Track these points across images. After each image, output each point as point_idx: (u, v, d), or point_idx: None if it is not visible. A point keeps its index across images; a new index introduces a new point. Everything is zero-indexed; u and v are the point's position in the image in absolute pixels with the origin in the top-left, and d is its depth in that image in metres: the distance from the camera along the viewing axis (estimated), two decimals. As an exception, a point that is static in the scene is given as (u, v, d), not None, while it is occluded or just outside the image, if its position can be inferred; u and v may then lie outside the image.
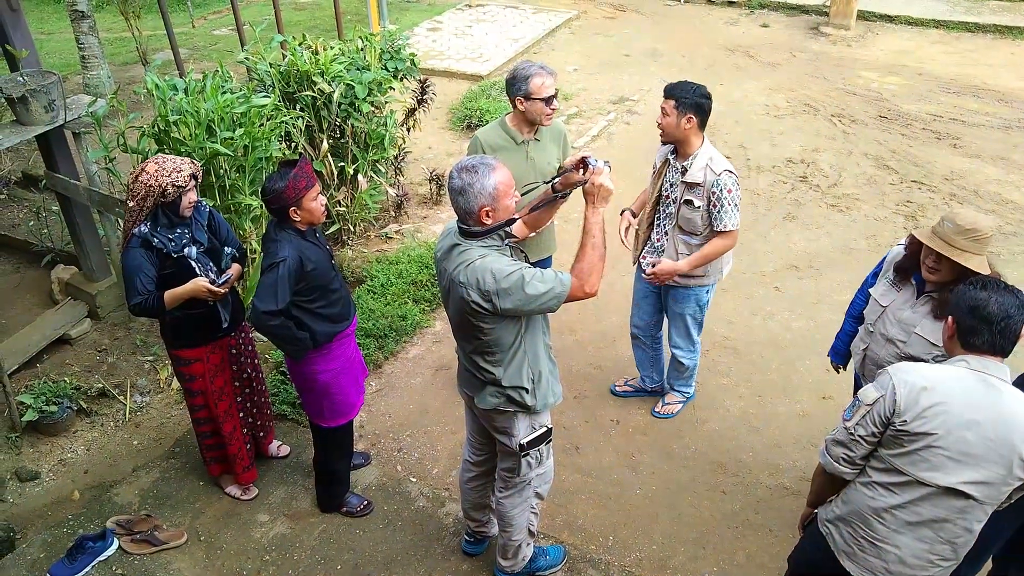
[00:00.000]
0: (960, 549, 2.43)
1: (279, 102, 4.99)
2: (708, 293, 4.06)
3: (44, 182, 5.15)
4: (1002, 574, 3.25)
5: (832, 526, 2.61)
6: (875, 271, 3.31)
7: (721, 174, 3.65)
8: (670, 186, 3.81)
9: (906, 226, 6.06)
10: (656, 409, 4.47)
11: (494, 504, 3.41)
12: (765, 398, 4.56)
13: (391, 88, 5.61)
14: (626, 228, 3.98)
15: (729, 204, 3.68)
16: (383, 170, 6.01)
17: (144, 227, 3.30)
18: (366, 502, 3.93)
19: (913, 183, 6.64)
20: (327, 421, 3.61)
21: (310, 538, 3.80)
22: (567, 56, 9.53)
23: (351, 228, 5.95)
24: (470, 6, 11.29)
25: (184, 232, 3.39)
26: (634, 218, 4.02)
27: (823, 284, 5.50)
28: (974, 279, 2.46)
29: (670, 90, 3.64)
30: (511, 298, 2.65)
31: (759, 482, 4.05)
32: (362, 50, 5.55)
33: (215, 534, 3.82)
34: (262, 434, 4.11)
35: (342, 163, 5.55)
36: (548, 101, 3.73)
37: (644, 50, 9.57)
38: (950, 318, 2.41)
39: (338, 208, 5.73)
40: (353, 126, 5.43)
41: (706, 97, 3.63)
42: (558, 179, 3.03)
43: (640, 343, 4.42)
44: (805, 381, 4.68)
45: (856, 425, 2.42)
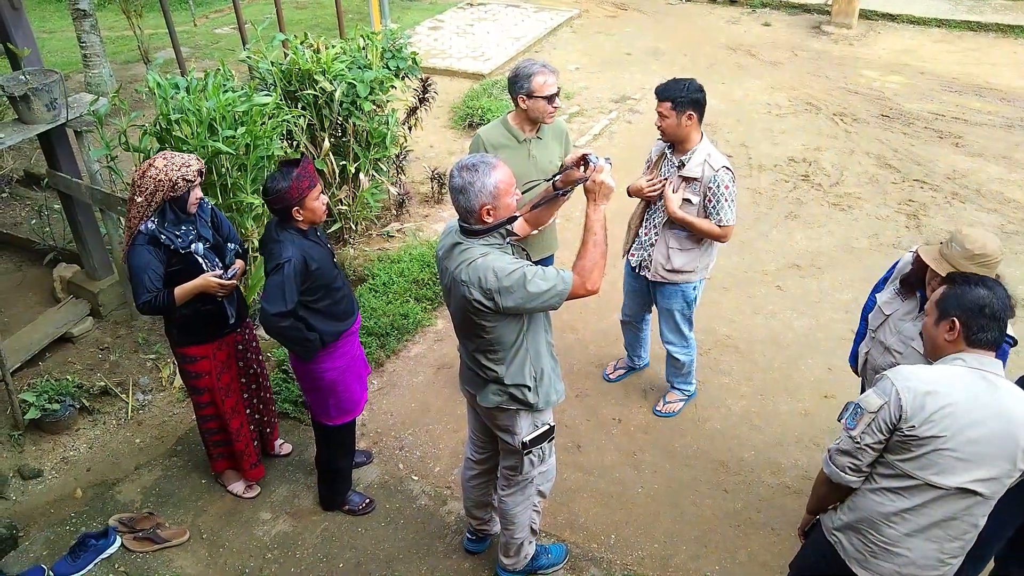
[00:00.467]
0: (967, 545, 2.44)
1: (281, 101, 4.99)
2: (695, 290, 4.07)
3: (46, 180, 5.15)
4: (1004, 573, 3.25)
5: (840, 534, 2.58)
6: (886, 276, 3.28)
7: (719, 170, 3.68)
8: (665, 179, 3.83)
9: (908, 225, 6.06)
10: (658, 408, 4.47)
11: (496, 502, 3.42)
12: (767, 397, 4.56)
13: (393, 87, 5.61)
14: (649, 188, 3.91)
15: (725, 200, 3.70)
16: (385, 169, 6.01)
17: (151, 224, 3.30)
18: (368, 500, 3.93)
19: (915, 182, 6.64)
20: (333, 419, 3.62)
21: (312, 536, 3.80)
22: (569, 55, 9.53)
23: (353, 227, 5.96)
24: (471, 5, 11.29)
25: (190, 228, 3.40)
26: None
27: (825, 283, 5.50)
28: (959, 277, 2.45)
29: (664, 92, 3.64)
30: (513, 296, 2.65)
31: (761, 481, 4.05)
32: (364, 49, 5.55)
33: (217, 532, 3.83)
34: (268, 430, 4.12)
35: (344, 162, 5.56)
36: (550, 99, 3.73)
37: (646, 49, 9.57)
38: (953, 320, 2.37)
39: (340, 207, 5.73)
40: (355, 125, 5.43)
41: (700, 91, 3.65)
42: (559, 176, 3.03)
43: (629, 327, 4.54)
44: (807, 380, 4.68)
45: (862, 434, 2.39)
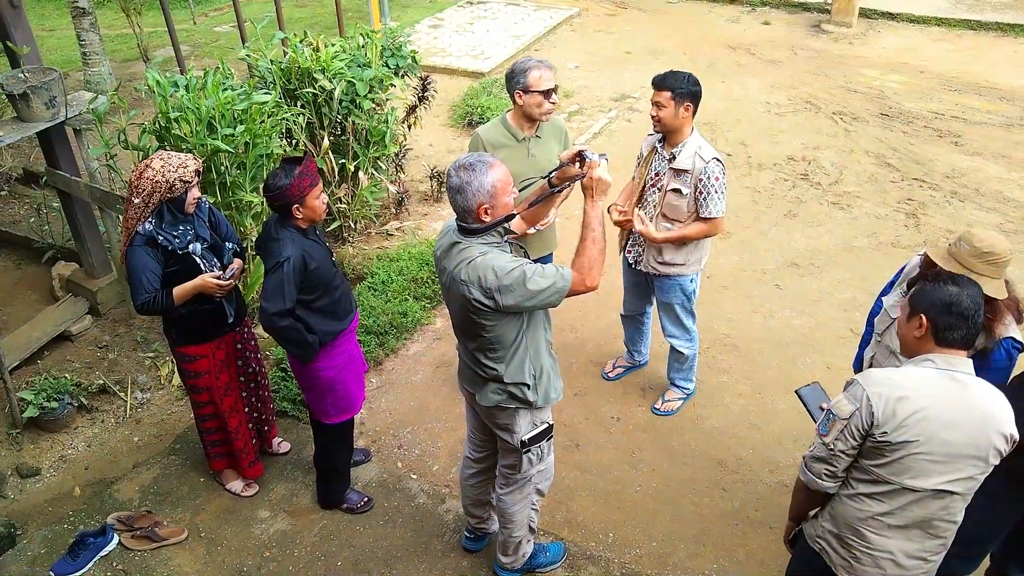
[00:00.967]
0: (948, 542, 2.46)
1: (280, 99, 4.99)
2: (693, 282, 4.08)
3: (45, 179, 5.15)
4: (999, 571, 3.26)
5: (824, 542, 2.58)
6: (893, 280, 3.26)
7: (710, 162, 3.71)
8: (656, 174, 3.84)
9: (907, 224, 6.06)
10: (656, 406, 4.47)
11: (494, 501, 3.42)
12: (765, 395, 4.56)
13: (392, 85, 5.61)
14: (620, 211, 3.95)
15: (716, 192, 3.73)
16: (384, 167, 6.01)
17: (148, 224, 3.30)
18: (366, 499, 3.93)
19: (914, 181, 6.64)
20: (331, 418, 3.62)
21: (310, 534, 3.80)
22: (568, 53, 9.52)
23: (352, 225, 5.96)
24: (471, 3, 11.27)
25: (188, 229, 3.40)
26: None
27: (824, 282, 5.50)
28: (934, 273, 2.44)
29: (664, 82, 3.67)
30: (513, 294, 2.65)
31: (759, 479, 4.06)
32: (363, 47, 5.55)
33: (215, 530, 3.83)
34: (266, 429, 4.12)
35: (343, 160, 5.56)
36: (547, 94, 3.73)
37: (645, 47, 9.56)
38: (922, 316, 2.37)
39: (339, 205, 5.73)
40: (354, 123, 5.43)
41: (698, 84, 3.71)
42: (555, 173, 3.03)
43: (629, 320, 4.55)
44: (805, 378, 4.66)
45: (835, 440, 2.39)
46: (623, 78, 8.72)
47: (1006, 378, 2.84)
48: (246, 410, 3.88)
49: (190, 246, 3.39)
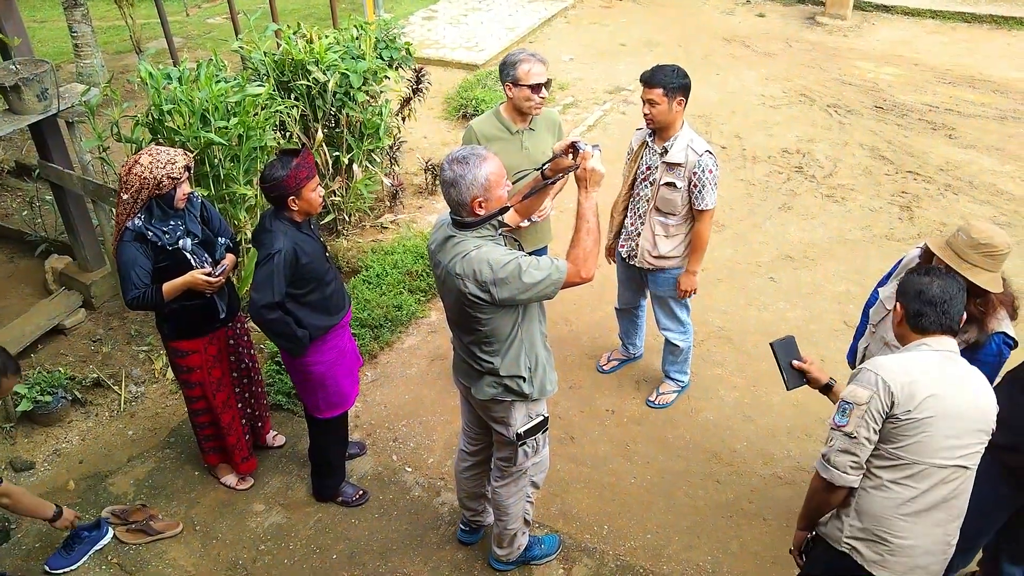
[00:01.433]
0: (960, 524, 2.51)
1: (274, 91, 4.96)
2: None
3: (37, 171, 5.12)
4: (993, 563, 3.28)
5: (854, 541, 2.54)
6: (891, 271, 3.27)
7: (703, 154, 3.72)
8: (647, 168, 3.84)
9: (901, 216, 6.07)
10: (651, 399, 4.48)
11: (490, 493, 3.43)
12: (759, 388, 4.58)
13: (386, 77, 5.59)
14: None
15: (709, 184, 3.75)
16: (378, 159, 5.99)
17: (138, 220, 3.28)
18: (361, 492, 3.94)
19: (908, 173, 6.65)
20: (323, 412, 3.62)
21: (305, 527, 3.81)
22: (563, 45, 9.50)
23: (346, 218, 5.94)
24: (466, -5, 11.22)
25: (178, 224, 3.38)
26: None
27: (818, 274, 5.51)
28: (917, 265, 2.50)
29: (653, 78, 3.66)
30: (508, 287, 2.65)
31: (753, 471, 4.07)
32: (357, 39, 5.52)
33: (210, 524, 3.83)
34: (259, 423, 4.11)
35: (337, 152, 5.54)
36: (535, 89, 3.71)
37: (640, 40, 9.55)
38: (898, 304, 2.52)
39: (333, 197, 5.71)
40: (348, 115, 5.40)
41: (687, 76, 3.72)
42: (547, 165, 3.03)
43: (624, 314, 4.56)
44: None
45: (856, 427, 2.40)
46: (618, 70, 8.70)
47: (994, 373, 2.86)
48: (239, 406, 3.87)
49: (180, 241, 3.37)
